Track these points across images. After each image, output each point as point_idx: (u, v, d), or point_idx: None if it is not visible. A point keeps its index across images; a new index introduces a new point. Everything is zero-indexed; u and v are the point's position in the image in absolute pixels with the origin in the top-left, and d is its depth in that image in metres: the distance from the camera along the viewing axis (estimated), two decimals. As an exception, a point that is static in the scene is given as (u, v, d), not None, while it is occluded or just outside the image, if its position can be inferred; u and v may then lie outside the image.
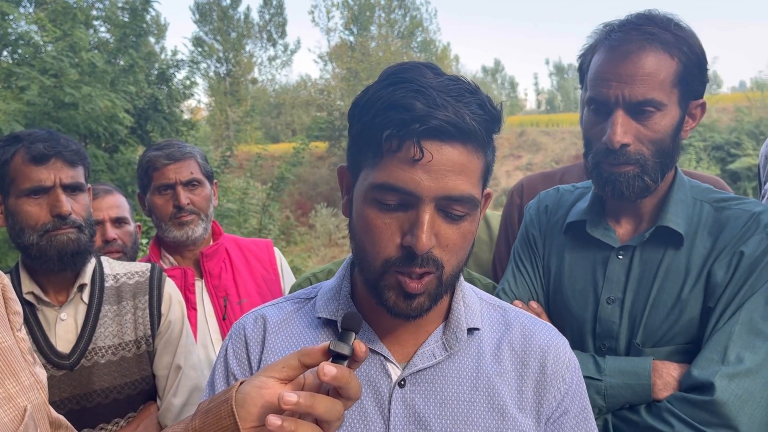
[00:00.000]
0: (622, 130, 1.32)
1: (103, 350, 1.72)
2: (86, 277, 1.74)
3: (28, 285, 1.69)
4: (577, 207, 1.53)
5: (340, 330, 0.80)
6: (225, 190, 12.62)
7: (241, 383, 0.81)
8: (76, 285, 1.72)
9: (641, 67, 1.30)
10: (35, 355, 0.81)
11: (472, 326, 1.06)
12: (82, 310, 1.73)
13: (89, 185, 1.78)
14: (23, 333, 0.78)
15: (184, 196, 2.21)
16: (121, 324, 1.76)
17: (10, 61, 9.51)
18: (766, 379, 1.25)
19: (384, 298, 0.96)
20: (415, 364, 1.02)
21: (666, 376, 1.31)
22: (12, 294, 0.78)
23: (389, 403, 1.00)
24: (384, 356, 1.03)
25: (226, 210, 11.93)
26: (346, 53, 34.46)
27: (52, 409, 0.84)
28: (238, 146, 16.45)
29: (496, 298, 1.17)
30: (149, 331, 1.79)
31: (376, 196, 0.94)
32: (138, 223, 2.63)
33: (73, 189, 1.68)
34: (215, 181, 2.40)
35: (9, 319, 0.76)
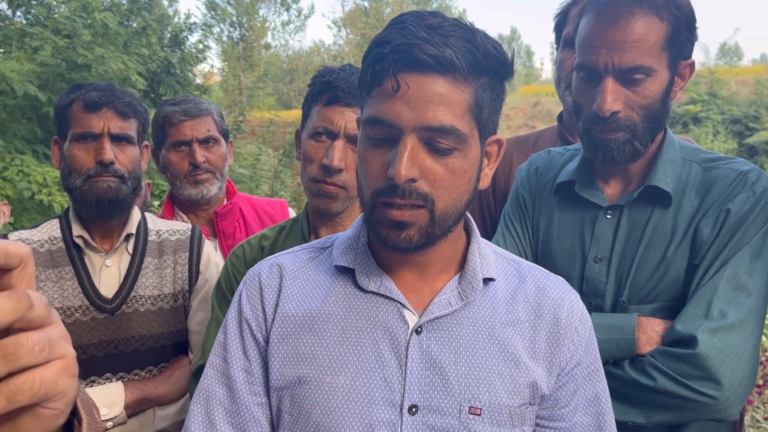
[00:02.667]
0: (612, 97, 1.32)
1: (143, 299, 1.78)
2: (132, 228, 1.81)
3: (78, 229, 1.76)
4: (567, 168, 1.54)
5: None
6: (237, 155, 12.62)
7: None
8: (123, 234, 1.79)
9: (630, 33, 1.29)
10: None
11: (487, 276, 1.08)
12: (126, 259, 1.80)
13: (146, 143, 1.84)
14: None
15: (200, 154, 2.19)
16: (161, 277, 1.82)
17: (24, 22, 9.48)
18: (748, 333, 1.27)
19: (377, 231, 1.00)
20: (432, 312, 1.04)
21: (650, 331, 1.33)
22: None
23: (406, 350, 1.03)
24: (401, 303, 1.05)
25: (238, 175, 11.95)
26: (360, 19, 34.03)
27: None
28: (250, 112, 16.40)
29: (509, 253, 1.19)
30: (186, 287, 1.85)
31: (367, 131, 0.99)
32: (147, 182, 2.61)
33: (120, 139, 1.73)
34: (230, 139, 2.38)
35: None
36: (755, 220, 1.32)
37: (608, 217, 1.44)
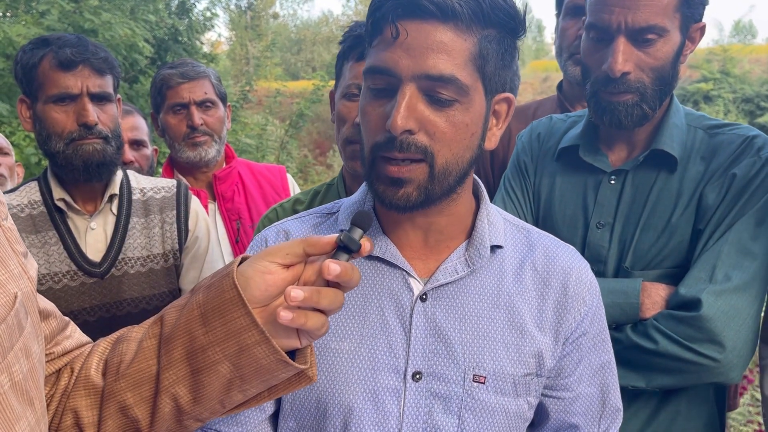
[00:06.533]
0: (624, 58, 1.30)
1: (132, 261, 1.74)
2: (116, 188, 1.75)
3: (59, 192, 1.70)
4: (570, 133, 1.52)
5: (349, 225, 0.81)
6: (243, 125, 12.57)
7: (242, 261, 0.82)
8: (106, 195, 1.73)
9: None
10: (25, 246, 0.80)
11: (495, 244, 1.05)
12: (111, 220, 1.75)
13: (119, 96, 1.76)
14: (9, 222, 0.77)
15: (198, 116, 2.20)
16: (149, 237, 1.78)
17: (30, -15, 9.40)
18: (753, 296, 1.27)
19: (375, 188, 0.97)
20: (437, 279, 1.03)
21: (654, 295, 1.32)
22: None
23: (411, 317, 1.01)
24: (406, 271, 1.03)
25: (245, 145, 11.92)
26: (369, -10, 33.52)
27: (40, 299, 0.84)
28: (257, 82, 16.31)
29: (519, 219, 1.16)
30: (177, 246, 1.80)
31: (368, 83, 0.96)
32: (155, 147, 2.62)
33: (100, 98, 1.66)
34: (228, 104, 2.39)
35: None
36: (761, 185, 1.30)
37: (612, 182, 1.43)
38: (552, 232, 1.47)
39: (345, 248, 0.78)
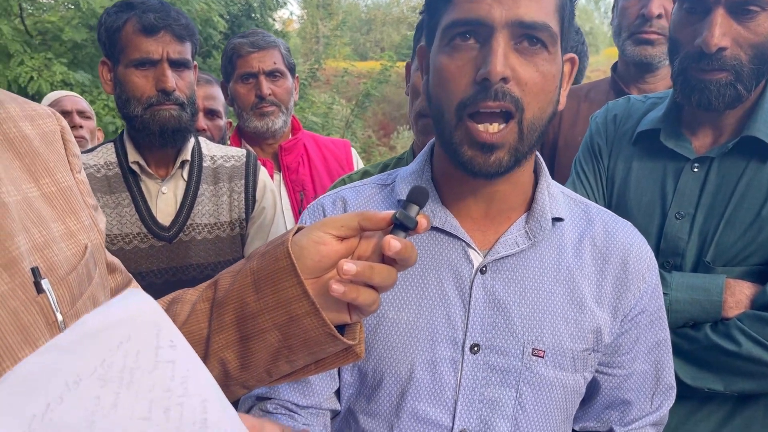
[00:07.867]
0: (721, 31, 1.19)
1: (200, 227, 1.77)
2: (188, 154, 1.77)
3: (134, 155, 1.74)
4: (650, 116, 1.43)
5: (405, 202, 0.79)
6: (311, 103, 12.71)
7: (297, 231, 0.82)
8: (179, 161, 1.76)
9: None
10: (95, 200, 0.82)
11: (556, 216, 1.03)
12: (182, 186, 1.77)
13: (195, 62, 1.78)
14: (83, 175, 0.79)
15: (266, 86, 2.22)
16: (218, 204, 1.80)
17: (113, -42, 9.70)
18: None
19: (459, 154, 0.94)
20: (498, 252, 1.01)
21: (738, 294, 1.24)
22: (71, 137, 0.78)
23: (470, 289, 1.01)
24: (466, 242, 1.02)
25: (311, 123, 12.06)
26: (442, -29, 33.08)
27: (107, 252, 0.86)
28: (326, 61, 16.42)
29: (576, 194, 1.13)
30: (243, 215, 1.82)
31: (449, 37, 0.93)
32: (229, 120, 2.65)
33: (179, 65, 1.68)
34: (296, 75, 2.39)
35: (69, 161, 0.77)
36: None
37: (695, 170, 1.33)
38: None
39: (401, 226, 0.76)
